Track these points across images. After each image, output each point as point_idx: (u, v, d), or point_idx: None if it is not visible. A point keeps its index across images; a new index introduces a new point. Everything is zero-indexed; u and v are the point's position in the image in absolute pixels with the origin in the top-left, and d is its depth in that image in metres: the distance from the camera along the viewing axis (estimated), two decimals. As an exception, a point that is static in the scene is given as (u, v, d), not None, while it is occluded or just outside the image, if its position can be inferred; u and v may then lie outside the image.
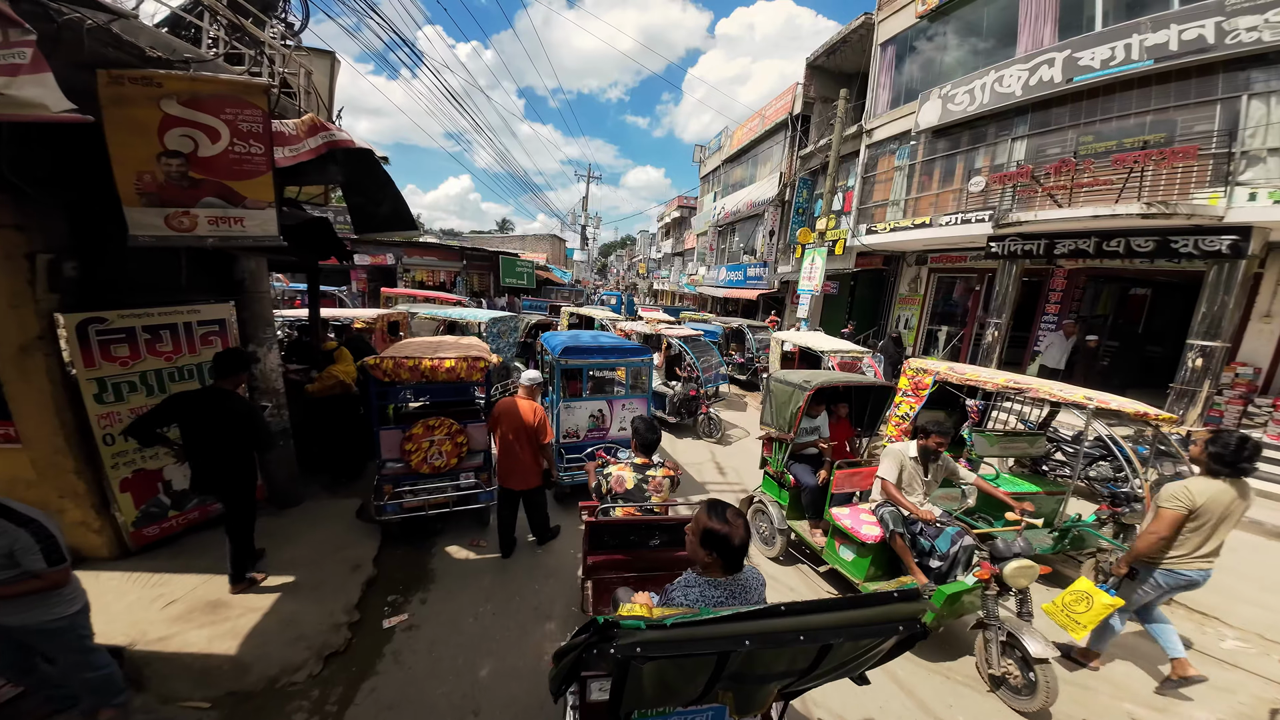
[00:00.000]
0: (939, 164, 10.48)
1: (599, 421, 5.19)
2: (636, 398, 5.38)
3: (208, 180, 2.37)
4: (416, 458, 3.85)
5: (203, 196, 2.38)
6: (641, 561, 2.81)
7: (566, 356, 4.80)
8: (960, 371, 4.83)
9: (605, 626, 1.17)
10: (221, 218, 2.42)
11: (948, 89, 9.87)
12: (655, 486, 3.01)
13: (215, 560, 3.70)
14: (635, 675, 1.18)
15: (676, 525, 2.72)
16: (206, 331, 3.83)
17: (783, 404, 4.42)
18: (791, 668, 1.39)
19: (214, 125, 2.33)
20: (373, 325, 6.45)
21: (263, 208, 2.47)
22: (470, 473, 4.23)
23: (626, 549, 2.78)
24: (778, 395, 4.52)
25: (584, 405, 5.12)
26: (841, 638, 1.26)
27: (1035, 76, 8.38)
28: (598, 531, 2.74)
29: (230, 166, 2.38)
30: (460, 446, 3.97)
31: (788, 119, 15.56)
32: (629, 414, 5.19)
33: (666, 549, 2.77)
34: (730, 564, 1.66)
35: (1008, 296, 8.94)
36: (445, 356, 3.67)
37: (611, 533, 2.76)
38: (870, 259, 12.64)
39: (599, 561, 2.79)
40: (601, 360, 5.15)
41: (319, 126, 2.83)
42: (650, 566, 2.82)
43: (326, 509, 4.74)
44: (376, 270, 18.22)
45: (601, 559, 2.79)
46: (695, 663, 1.23)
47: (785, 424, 4.34)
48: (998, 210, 8.61)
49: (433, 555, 4.27)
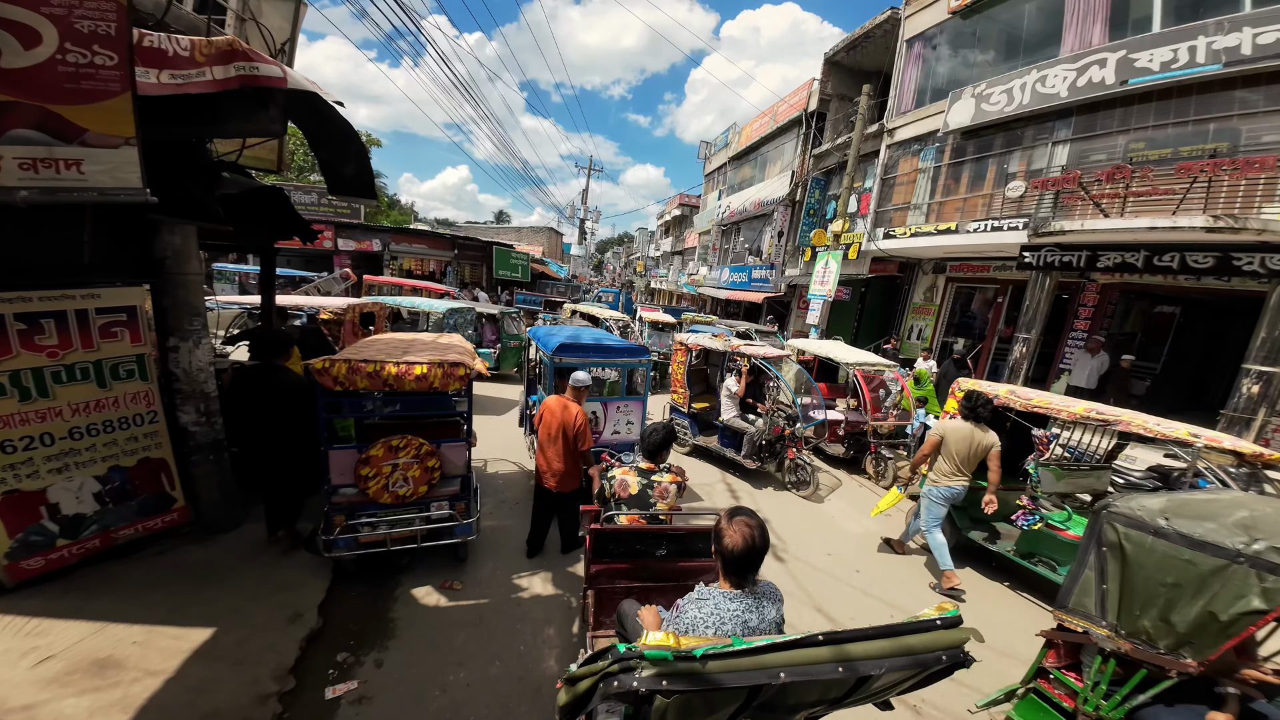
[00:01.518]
0: (968, 167, 9.86)
1: (593, 424, 4.83)
2: (632, 399, 5.10)
3: (18, 104, 1.57)
4: (375, 485, 3.06)
5: (8, 128, 1.57)
6: (646, 571, 2.70)
7: (562, 354, 4.46)
8: (1025, 396, 4.14)
9: (627, 656, 1.11)
10: (44, 160, 1.62)
11: (982, 88, 9.24)
12: (661, 493, 2.88)
13: (116, 601, 2.97)
14: (658, 710, 1.10)
15: (684, 535, 2.67)
16: (109, 321, 2.99)
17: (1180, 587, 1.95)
18: (824, 696, 1.32)
19: (29, 21, 1.53)
20: (341, 316, 5.57)
21: (115, 146, 1.68)
22: (444, 502, 3.45)
23: (631, 558, 2.67)
24: (1164, 565, 2.01)
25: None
26: (883, 668, 1.17)
27: (1084, 77, 7.78)
28: (602, 539, 2.61)
29: (58, 84, 1.60)
30: (431, 471, 3.19)
31: (802, 116, 14.89)
32: (623, 416, 5.00)
33: (673, 559, 2.68)
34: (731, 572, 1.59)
35: (1039, 310, 8.33)
36: (416, 360, 2.89)
37: (616, 540, 2.64)
38: (885, 265, 12.01)
39: (602, 570, 2.67)
40: (601, 360, 4.84)
41: (236, 54, 2.04)
42: (656, 577, 2.71)
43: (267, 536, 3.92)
44: (362, 256, 17.23)
45: (605, 568, 2.67)
46: (724, 694, 1.15)
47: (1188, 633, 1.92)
48: (1034, 218, 7.99)
49: (395, 600, 3.49)
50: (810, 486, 5.69)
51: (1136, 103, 7.47)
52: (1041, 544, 4.07)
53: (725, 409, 6.20)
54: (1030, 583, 4.37)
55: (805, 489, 5.75)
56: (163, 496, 3.49)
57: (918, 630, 1.25)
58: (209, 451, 3.50)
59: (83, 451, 3.02)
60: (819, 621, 3.75)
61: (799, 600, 3.95)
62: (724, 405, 6.21)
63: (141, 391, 3.15)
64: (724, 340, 6.83)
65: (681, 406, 6.59)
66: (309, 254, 16.70)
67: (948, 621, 1.25)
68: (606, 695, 1.10)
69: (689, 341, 6.70)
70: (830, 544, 4.89)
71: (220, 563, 3.59)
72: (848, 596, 4.09)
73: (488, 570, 3.83)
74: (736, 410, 6.26)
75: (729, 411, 6.18)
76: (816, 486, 5.70)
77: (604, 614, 2.69)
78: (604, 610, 2.69)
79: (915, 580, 4.44)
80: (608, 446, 4.85)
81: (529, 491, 5.25)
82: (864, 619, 3.83)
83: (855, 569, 4.50)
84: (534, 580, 3.80)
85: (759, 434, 5.75)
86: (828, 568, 4.46)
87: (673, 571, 2.70)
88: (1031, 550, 4.14)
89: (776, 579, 4.20)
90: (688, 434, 6.54)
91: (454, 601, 3.52)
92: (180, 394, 3.30)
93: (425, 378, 2.81)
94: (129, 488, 3.30)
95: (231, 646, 2.94)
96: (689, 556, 2.69)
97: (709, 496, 5.61)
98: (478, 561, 3.92)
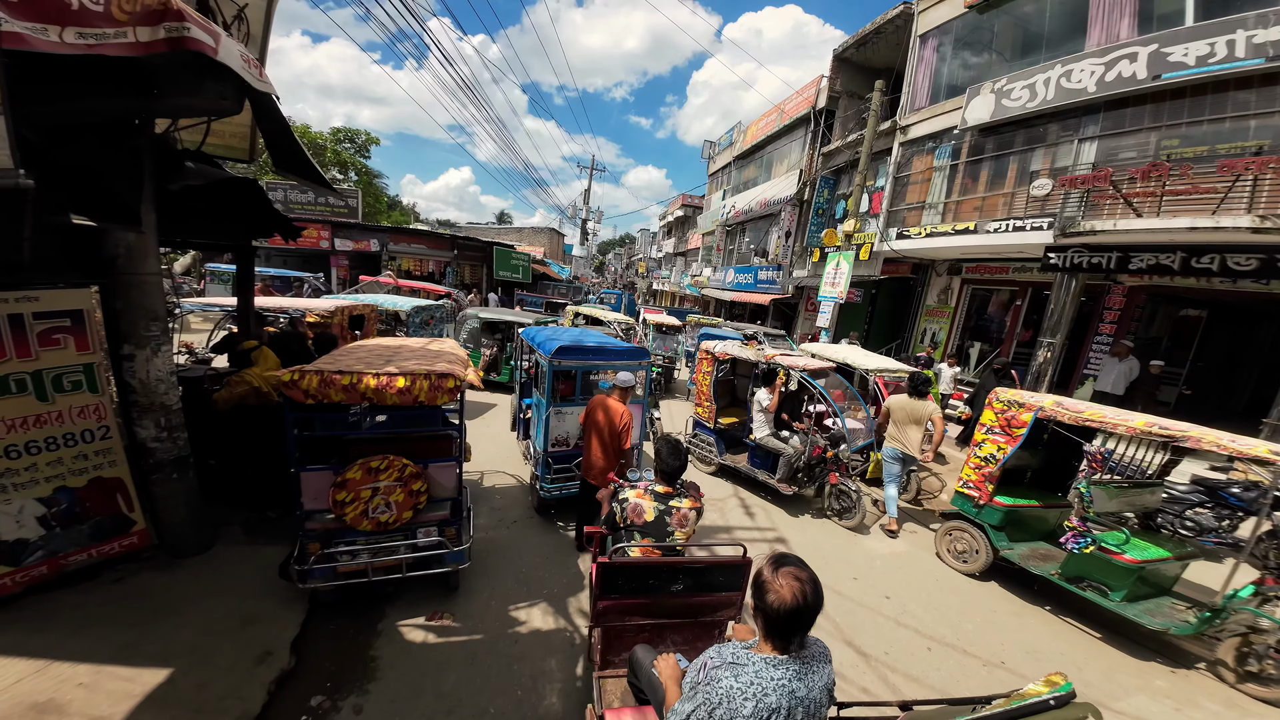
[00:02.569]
0: (987, 165, 9.49)
1: None
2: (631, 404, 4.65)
3: None
4: (353, 511, 2.70)
5: None
6: (660, 608, 2.43)
7: (561, 357, 4.28)
8: (1074, 409, 3.77)
9: None
10: None
11: (1002, 83, 8.89)
12: (680, 520, 2.58)
13: (63, 635, 2.67)
14: None
15: (704, 568, 2.40)
16: (50, 327, 2.63)
17: None
18: None
19: None
20: (329, 319, 5.19)
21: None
22: (433, 528, 3.08)
23: (644, 594, 2.38)
24: None
25: (575, 411, 4.53)
26: None
27: (1113, 72, 7.42)
28: (611, 573, 2.31)
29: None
30: (417, 495, 2.83)
31: (810, 113, 14.54)
32: None
33: (689, 594, 2.41)
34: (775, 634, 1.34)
35: (1064, 313, 7.94)
36: (399, 371, 2.52)
37: (627, 575, 2.34)
38: (898, 266, 11.64)
39: (610, 606, 2.38)
40: (600, 362, 4.71)
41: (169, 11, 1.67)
42: (669, 613, 2.45)
43: (239, 560, 3.56)
44: (359, 257, 16.90)
45: (613, 604, 2.37)
46: None
47: None
48: (1061, 217, 7.62)
49: (378, 634, 3.13)
50: (856, 515, 5.02)
51: (1169, 98, 7.10)
52: (1093, 568, 3.70)
53: (757, 426, 5.54)
54: (1075, 607, 4.01)
55: (850, 517, 5.09)
56: (119, 519, 3.13)
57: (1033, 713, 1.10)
58: (172, 469, 3.14)
59: (21, 472, 2.67)
60: (851, 657, 3.39)
61: (827, 633, 3.57)
62: (755, 421, 5.55)
63: (90, 405, 2.80)
64: (756, 349, 6.08)
65: (706, 421, 6.02)
66: (306, 254, 16.38)
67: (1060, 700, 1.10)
68: None
69: (716, 350, 6.02)
70: (855, 566, 4.52)
71: (184, 591, 3.23)
72: (880, 627, 3.72)
73: (482, 601, 3.47)
74: (770, 428, 5.56)
75: (762, 429, 5.52)
76: (864, 515, 5.04)
77: (611, 653, 2.47)
78: (611, 649, 2.47)
79: (948, 604, 4.07)
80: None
81: (528, 508, 4.90)
82: (898, 652, 3.47)
83: (884, 594, 4.14)
84: (533, 612, 3.43)
85: (796, 456, 5.16)
86: (855, 594, 4.08)
87: (689, 607, 2.46)
88: (1080, 575, 3.78)
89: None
90: (713, 452, 6.03)
91: (444, 638, 3.15)
92: (137, 407, 2.93)
93: (409, 390, 2.45)
94: (79, 510, 2.94)
95: (190, 691, 2.59)
96: (707, 591, 2.44)
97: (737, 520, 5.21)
98: (471, 590, 3.55)
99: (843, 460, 5.18)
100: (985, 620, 3.95)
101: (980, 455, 4.34)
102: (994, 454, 4.24)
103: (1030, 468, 4.72)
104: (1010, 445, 4.13)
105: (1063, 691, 1.15)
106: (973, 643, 3.66)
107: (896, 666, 3.35)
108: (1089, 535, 3.70)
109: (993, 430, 4.27)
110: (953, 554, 4.62)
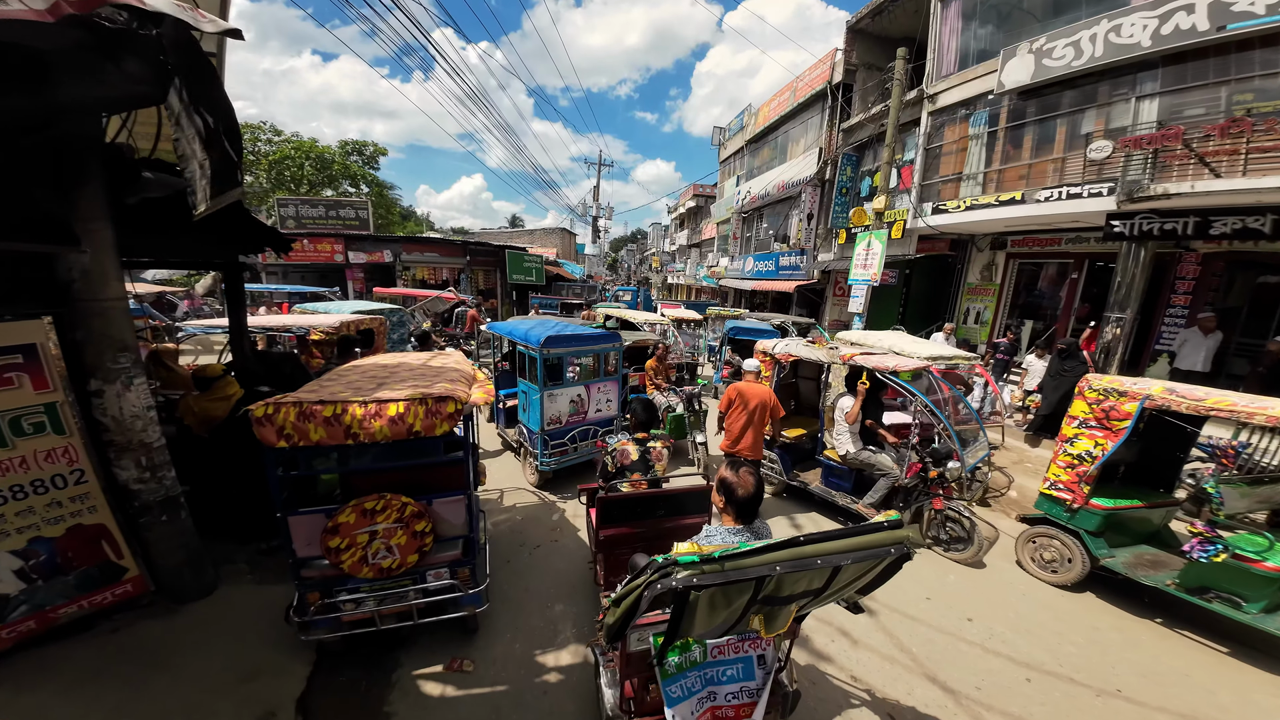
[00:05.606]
0: (1030, 129, 8.67)
1: (578, 406, 5.30)
2: (609, 380, 5.54)
3: None
4: (350, 558, 2.34)
5: None
6: (649, 531, 3.01)
7: (550, 347, 4.83)
8: (1191, 396, 3.16)
9: (665, 564, 1.37)
10: None
11: (1041, 42, 8.08)
12: (656, 456, 3.32)
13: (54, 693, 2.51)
14: (691, 605, 1.37)
15: (678, 495, 3.10)
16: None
17: None
18: (809, 588, 1.57)
19: None
20: (334, 336, 4.88)
21: None
22: (444, 568, 2.71)
23: (634, 520, 2.99)
24: None
25: (565, 392, 5.17)
26: (849, 560, 1.46)
27: (1169, 25, 6.59)
28: (609, 506, 2.94)
29: None
30: (422, 537, 2.45)
31: (826, 89, 13.76)
32: (603, 396, 5.50)
33: (669, 517, 3.05)
34: (741, 513, 1.91)
35: (1134, 286, 7.15)
36: (391, 397, 2.12)
37: (620, 507, 2.97)
38: (933, 243, 10.86)
39: (610, 535, 2.98)
40: (582, 348, 5.27)
41: None
42: (656, 535, 3.01)
43: (244, 603, 3.26)
44: (374, 268, 16.87)
45: (612, 532, 2.97)
46: (738, 588, 1.42)
47: None
48: (1123, 182, 6.82)
49: (393, 686, 2.78)
50: (972, 545, 4.09)
51: (1235, 50, 6.24)
52: (1223, 578, 3.11)
53: (842, 439, 4.65)
54: (1193, 618, 3.45)
55: (962, 549, 4.15)
56: (108, 567, 2.85)
57: (872, 530, 1.53)
58: (160, 511, 2.84)
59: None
60: (936, 696, 2.89)
61: (903, 667, 3.08)
62: (839, 435, 4.68)
63: (58, 447, 2.50)
64: (828, 348, 5.03)
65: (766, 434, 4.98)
66: (321, 269, 16.43)
67: (893, 524, 1.55)
68: (652, 598, 1.37)
69: (776, 351, 5.17)
70: (925, 584, 3.98)
71: (183, 641, 2.94)
72: (966, 657, 3.20)
73: (504, 645, 3.08)
74: (858, 442, 4.65)
75: (849, 443, 4.61)
76: (980, 545, 4.07)
77: (611, 574, 2.99)
78: (613, 571, 2.99)
79: (1042, 623, 3.52)
80: (592, 423, 5.35)
81: (551, 531, 4.51)
82: (992, 686, 2.97)
83: (965, 616, 3.60)
84: (561, 656, 3.02)
85: (885, 472, 4.41)
86: (931, 618, 3.56)
87: (669, 530, 3.01)
88: (1206, 585, 3.19)
89: (867, 635, 3.36)
90: (776, 469, 5.18)
91: (464, 689, 2.78)
92: (114, 446, 2.62)
93: (402, 419, 2.06)
94: (60, 560, 2.67)
95: (184, 764, 2.28)
96: (682, 514, 3.08)
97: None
98: (492, 630, 3.18)
99: (950, 481, 4.26)
100: (1088, 640, 3.40)
101: (1072, 453, 3.75)
102: (1090, 451, 3.65)
103: (1124, 462, 4.10)
104: (1111, 441, 3.54)
105: (893, 519, 1.57)
106: (1078, 669, 3.13)
107: (992, 704, 2.84)
108: (1219, 541, 3.10)
109: (1087, 424, 3.68)
110: (1039, 563, 4.05)
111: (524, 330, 5.25)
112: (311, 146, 23.69)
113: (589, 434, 5.42)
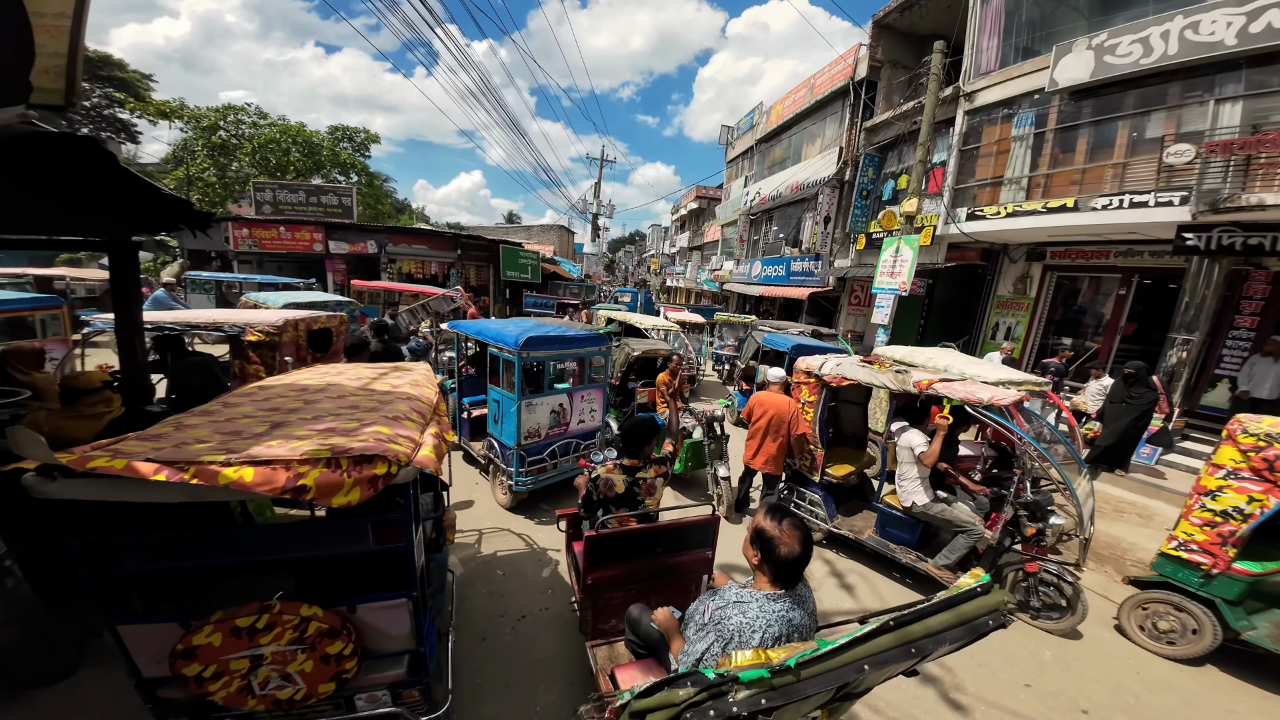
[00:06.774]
0: (1085, 132, 7.90)
1: (559, 417, 4.59)
2: (594, 388, 4.90)
3: None
4: (222, 690, 1.41)
5: None
6: (642, 572, 2.58)
7: (529, 350, 4.17)
8: None
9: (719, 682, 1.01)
10: None
11: (1103, 38, 7.31)
12: (648, 489, 2.75)
13: None
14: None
15: (678, 529, 2.62)
16: None
17: None
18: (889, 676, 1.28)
19: None
20: (278, 337, 3.87)
21: None
22: (381, 691, 1.78)
23: (628, 560, 2.53)
24: None
25: (545, 401, 4.46)
26: (945, 643, 1.15)
27: (1259, 22, 5.86)
28: (598, 546, 2.43)
29: None
30: (340, 661, 1.52)
31: (848, 85, 12.96)
32: (586, 405, 4.81)
33: (667, 555, 2.62)
34: (781, 576, 1.52)
35: (1204, 306, 6.38)
36: (276, 457, 1.19)
37: (611, 544, 2.48)
38: (963, 253, 10.07)
39: (599, 578, 2.48)
40: (565, 351, 4.63)
41: None
42: (652, 576, 2.60)
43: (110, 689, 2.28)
44: (357, 260, 15.77)
45: (601, 575, 2.48)
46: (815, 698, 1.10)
47: None
48: (1200, 190, 6.05)
49: None
50: (1073, 615, 3.31)
51: None
52: None
53: (912, 487, 3.71)
54: None
55: (1060, 617, 3.36)
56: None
57: (965, 599, 1.23)
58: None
59: None
60: None
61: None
62: (905, 480, 3.75)
63: None
64: (895, 371, 3.88)
65: (809, 473, 4.29)
66: (299, 259, 15.30)
67: (985, 587, 1.26)
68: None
69: (826, 373, 4.07)
70: (1020, 666, 3.10)
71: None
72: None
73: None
74: (930, 490, 3.71)
75: (920, 493, 3.68)
76: (1083, 612, 3.29)
77: (601, 622, 2.58)
78: (600, 619, 2.58)
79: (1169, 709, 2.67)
80: (575, 436, 4.71)
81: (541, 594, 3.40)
82: None
83: (1080, 708, 2.76)
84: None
85: (967, 527, 3.50)
86: (1036, 711, 2.71)
87: (667, 568, 2.63)
88: None
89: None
90: (819, 513, 4.25)
91: None
92: None
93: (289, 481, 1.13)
94: None
95: None
96: (683, 550, 2.65)
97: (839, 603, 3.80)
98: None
99: (1048, 541, 3.46)
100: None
101: (1214, 509, 2.92)
102: (1241, 508, 2.82)
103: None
104: (1276, 497, 2.71)
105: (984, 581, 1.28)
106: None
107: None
108: None
109: (1237, 474, 2.85)
110: (1150, 633, 3.26)
111: (496, 330, 4.50)
112: (299, 131, 22.47)
113: (570, 448, 4.72)
